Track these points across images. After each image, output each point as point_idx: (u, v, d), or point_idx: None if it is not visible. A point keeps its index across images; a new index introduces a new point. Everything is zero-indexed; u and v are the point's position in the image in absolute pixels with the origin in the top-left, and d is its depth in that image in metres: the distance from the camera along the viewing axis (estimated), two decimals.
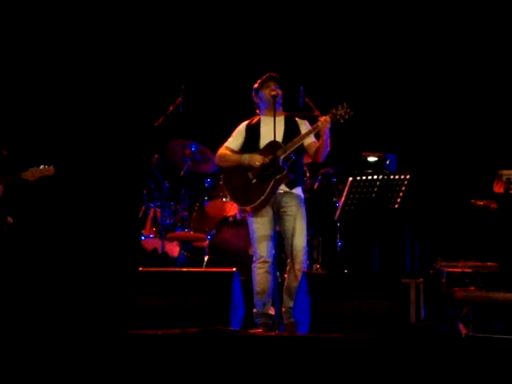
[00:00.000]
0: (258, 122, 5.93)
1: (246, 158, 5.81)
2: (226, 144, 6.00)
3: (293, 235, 5.73)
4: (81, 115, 8.31)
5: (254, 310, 5.79)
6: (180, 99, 7.17)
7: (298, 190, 5.86)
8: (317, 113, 6.31)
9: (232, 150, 5.95)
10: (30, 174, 6.06)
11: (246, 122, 6.04)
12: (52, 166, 6.14)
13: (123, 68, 8.38)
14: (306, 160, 6.12)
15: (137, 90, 8.32)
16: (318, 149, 5.77)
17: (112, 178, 8.22)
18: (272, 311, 5.73)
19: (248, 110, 6.13)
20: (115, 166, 8.16)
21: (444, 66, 8.01)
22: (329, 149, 5.77)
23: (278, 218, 5.71)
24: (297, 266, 5.68)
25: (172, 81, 7.68)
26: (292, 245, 5.73)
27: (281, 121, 5.85)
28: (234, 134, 6.02)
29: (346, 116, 5.66)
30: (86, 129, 8.27)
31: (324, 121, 5.64)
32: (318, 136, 5.79)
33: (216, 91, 8.25)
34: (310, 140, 5.81)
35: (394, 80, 8.07)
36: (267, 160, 5.71)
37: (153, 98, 8.03)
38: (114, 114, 8.33)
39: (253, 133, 5.92)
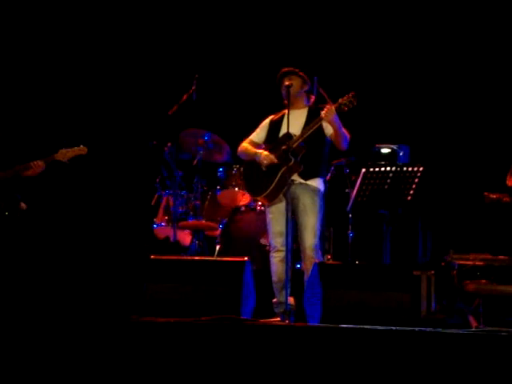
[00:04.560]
0: (283, 116, 5.94)
1: (258, 155, 5.86)
2: (250, 137, 6.07)
3: (303, 231, 5.75)
4: (95, 104, 8.33)
5: (274, 300, 5.84)
6: (194, 88, 7.18)
7: (314, 182, 5.83)
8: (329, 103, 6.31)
9: (255, 143, 6.01)
10: (62, 155, 6.14)
11: (271, 116, 6.09)
12: (85, 146, 6.22)
13: (138, 57, 8.39)
14: None
15: (151, 79, 8.33)
16: (335, 138, 5.77)
17: (125, 166, 8.24)
18: (291, 301, 5.76)
19: (261, 99, 6.14)
20: (129, 154, 8.18)
21: (459, 57, 7.97)
22: (347, 135, 5.78)
23: (293, 209, 5.75)
24: (307, 261, 5.70)
25: (186, 69, 7.69)
26: (302, 239, 5.77)
27: (303, 112, 5.89)
28: (259, 127, 6.08)
29: (351, 105, 5.64)
30: (100, 117, 8.29)
31: (327, 111, 5.63)
32: None
33: (230, 80, 8.25)
34: (332, 130, 5.78)
35: (408, 71, 8.04)
36: (275, 161, 5.74)
37: (167, 87, 8.04)
38: (127, 102, 8.34)
39: (275, 126, 5.96)
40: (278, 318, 5.70)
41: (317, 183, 5.84)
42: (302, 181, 5.78)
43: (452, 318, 5.59)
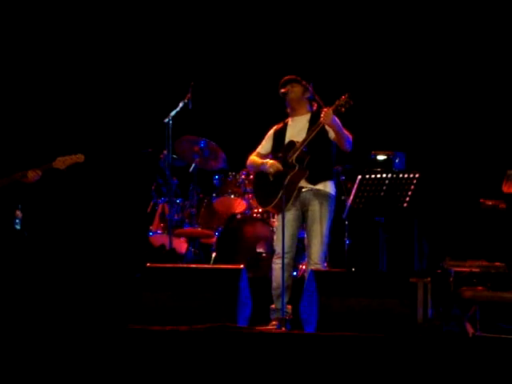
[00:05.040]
0: (286, 124, 6.03)
1: (264, 164, 5.93)
2: (257, 149, 6.14)
3: (311, 238, 5.79)
4: (90, 111, 8.32)
5: (272, 306, 5.87)
6: (189, 95, 7.18)
7: (324, 186, 5.87)
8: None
9: (262, 155, 6.08)
10: (59, 163, 6.12)
11: (274, 127, 6.14)
12: (82, 154, 6.22)
13: (134, 64, 8.39)
14: None
15: (147, 86, 8.32)
16: (337, 140, 5.82)
17: (121, 173, 8.22)
18: (289, 308, 5.77)
19: (257, 106, 6.14)
20: (124, 162, 8.17)
21: (454, 65, 7.99)
22: (349, 136, 5.83)
23: (302, 216, 5.84)
24: (311, 267, 5.69)
25: (181, 77, 7.69)
26: (309, 245, 5.81)
27: (305, 119, 5.94)
28: (264, 138, 6.15)
29: (347, 105, 5.70)
30: (96, 124, 8.28)
31: (324, 114, 5.69)
32: None
33: (225, 88, 8.25)
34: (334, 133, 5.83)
35: (403, 78, 8.05)
36: (281, 168, 5.76)
37: (162, 94, 8.03)
38: (123, 110, 8.34)
39: (279, 135, 6.02)
40: (274, 322, 5.71)
41: (326, 187, 5.88)
42: (311, 186, 5.82)
43: (448, 325, 5.57)
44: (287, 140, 5.90)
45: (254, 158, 6.11)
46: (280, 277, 5.70)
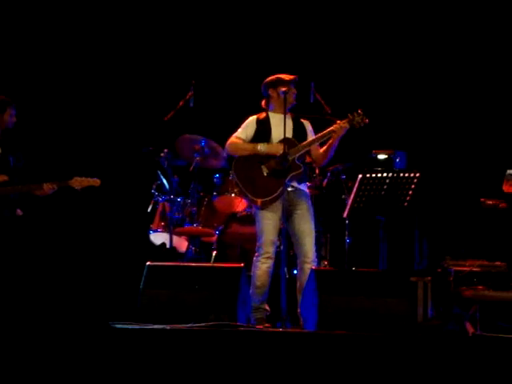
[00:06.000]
0: (267, 117, 5.93)
1: (264, 146, 5.80)
2: (236, 134, 5.95)
3: (303, 235, 5.74)
4: (90, 110, 8.32)
5: (252, 304, 5.76)
6: (190, 94, 7.18)
7: (304, 187, 5.91)
8: (327, 109, 6.35)
9: (243, 141, 5.92)
10: (77, 183, 6.10)
11: (255, 116, 6.02)
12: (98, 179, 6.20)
13: (134, 63, 8.38)
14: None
15: (148, 85, 8.32)
16: (323, 153, 5.83)
17: (121, 172, 8.22)
18: (267, 307, 5.75)
19: (257, 105, 6.13)
20: (124, 160, 8.17)
21: (455, 64, 7.99)
22: (332, 155, 5.84)
23: (288, 215, 5.73)
24: (308, 266, 5.66)
25: (183, 76, 7.69)
26: (302, 244, 5.74)
27: (289, 120, 5.84)
28: (245, 125, 5.99)
29: (362, 124, 5.72)
30: (96, 124, 8.28)
31: (341, 125, 5.69)
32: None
33: (226, 87, 8.25)
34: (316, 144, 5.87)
35: (404, 77, 8.06)
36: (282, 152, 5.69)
37: (163, 93, 8.03)
38: (123, 108, 8.33)
39: (263, 125, 5.91)
40: (255, 325, 5.67)
41: (305, 188, 5.92)
42: (297, 186, 5.80)
43: (448, 325, 5.59)
44: (274, 132, 5.81)
45: (239, 141, 5.92)
46: (266, 277, 5.68)
